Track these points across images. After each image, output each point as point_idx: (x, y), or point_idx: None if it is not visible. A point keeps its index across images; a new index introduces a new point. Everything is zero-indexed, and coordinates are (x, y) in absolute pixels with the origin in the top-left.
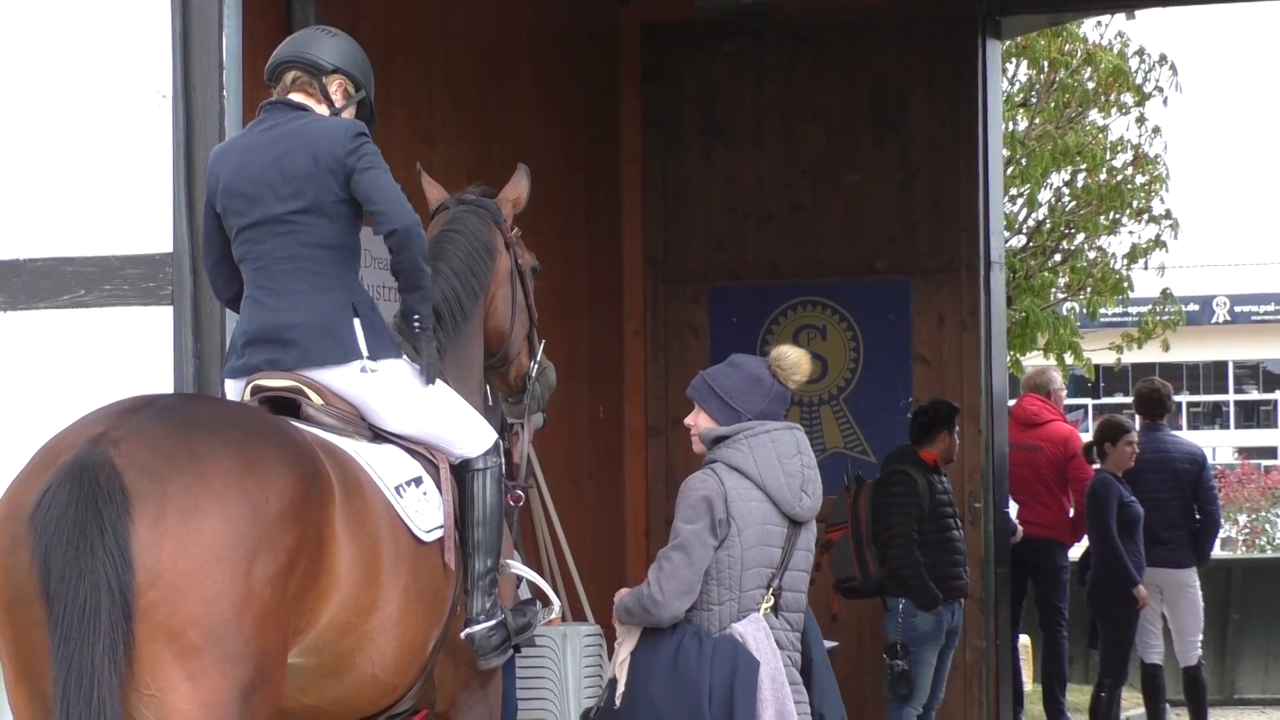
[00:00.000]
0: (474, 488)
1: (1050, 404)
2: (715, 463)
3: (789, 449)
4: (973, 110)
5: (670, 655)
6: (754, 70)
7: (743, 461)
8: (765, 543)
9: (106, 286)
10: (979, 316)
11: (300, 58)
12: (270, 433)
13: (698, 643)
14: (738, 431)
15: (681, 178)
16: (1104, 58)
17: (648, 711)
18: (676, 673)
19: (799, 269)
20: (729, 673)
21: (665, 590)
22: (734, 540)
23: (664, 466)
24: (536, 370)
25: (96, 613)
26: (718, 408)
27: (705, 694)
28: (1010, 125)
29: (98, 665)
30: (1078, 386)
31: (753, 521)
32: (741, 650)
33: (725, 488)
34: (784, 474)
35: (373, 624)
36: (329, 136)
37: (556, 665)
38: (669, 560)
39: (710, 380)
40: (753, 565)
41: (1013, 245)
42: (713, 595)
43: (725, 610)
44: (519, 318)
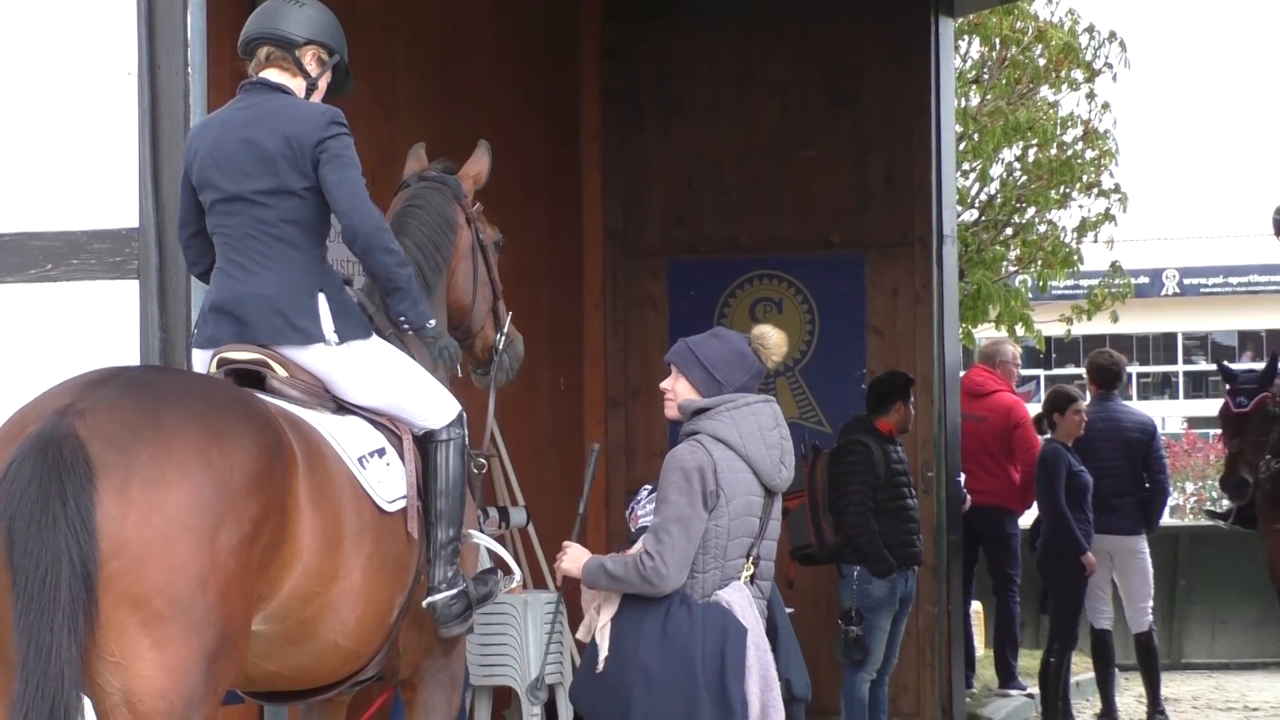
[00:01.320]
0: (437, 459)
1: (996, 375)
2: (698, 434)
3: (769, 421)
4: (926, 87)
5: (659, 622)
6: (711, 48)
7: (727, 433)
8: (748, 513)
9: (73, 261)
10: (932, 289)
11: (271, 34)
12: (235, 404)
13: (687, 610)
14: (719, 404)
15: (640, 153)
16: (1054, 35)
17: (638, 677)
18: (667, 639)
19: (755, 243)
20: (719, 639)
21: (669, 563)
22: (722, 510)
23: (624, 437)
24: (504, 341)
25: (57, 584)
26: (701, 377)
27: (699, 660)
28: (962, 101)
29: (56, 635)
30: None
31: (739, 492)
32: (730, 617)
33: (714, 459)
34: (765, 446)
35: (335, 592)
36: (303, 121)
37: (517, 631)
38: (668, 534)
39: (695, 349)
40: (737, 535)
41: (965, 219)
42: (698, 564)
43: (710, 578)
44: (481, 291)
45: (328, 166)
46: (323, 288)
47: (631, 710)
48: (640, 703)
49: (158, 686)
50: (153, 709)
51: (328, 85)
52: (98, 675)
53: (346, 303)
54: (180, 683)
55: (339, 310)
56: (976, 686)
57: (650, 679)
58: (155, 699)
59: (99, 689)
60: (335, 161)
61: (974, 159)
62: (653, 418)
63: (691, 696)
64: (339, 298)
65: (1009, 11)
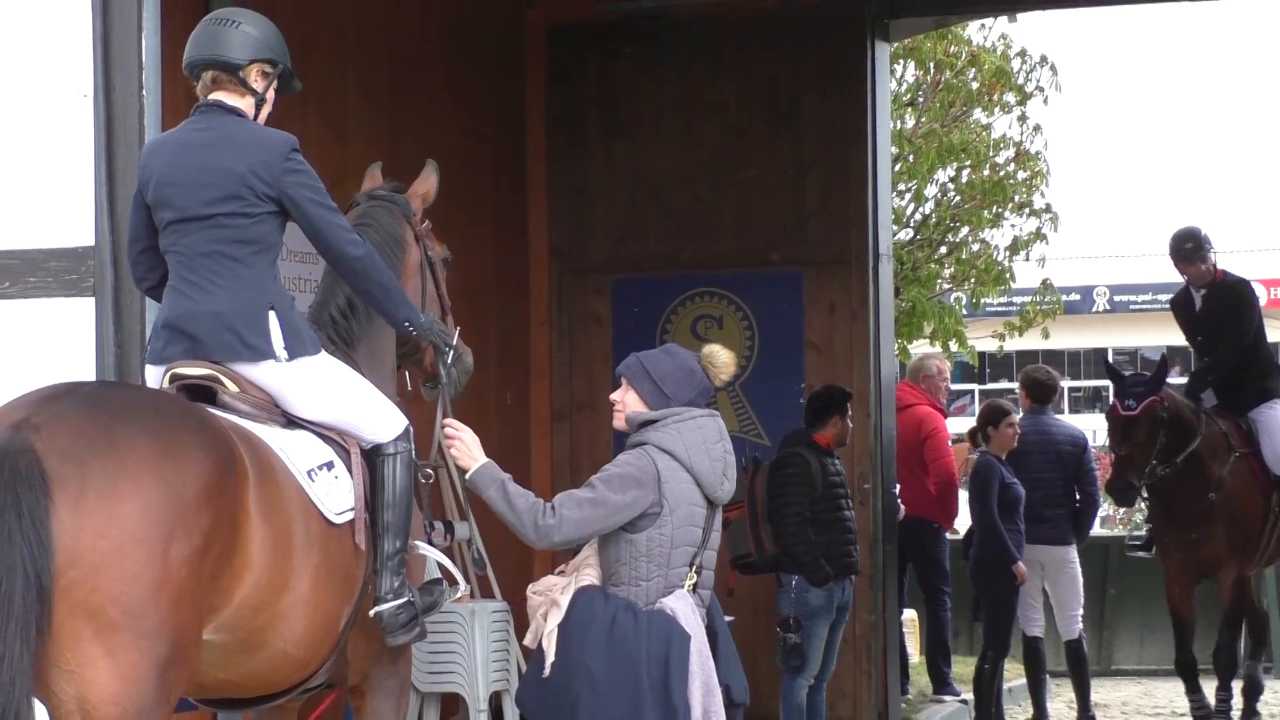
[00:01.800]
0: (384, 472)
1: (919, 389)
2: (645, 444)
3: (713, 435)
4: (862, 109)
5: (605, 627)
6: (653, 71)
7: (673, 445)
8: (691, 523)
9: (30, 279)
10: (868, 306)
11: (213, 60)
12: (187, 419)
13: (632, 616)
14: (666, 416)
15: (585, 174)
16: (987, 59)
17: (584, 681)
18: (613, 644)
19: (697, 261)
20: (664, 645)
21: (563, 533)
22: (666, 520)
23: (569, 449)
24: (452, 355)
25: (10, 595)
26: (650, 390)
27: (643, 665)
28: (898, 123)
29: (9, 645)
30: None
31: (682, 502)
32: (674, 624)
33: (659, 469)
34: (709, 459)
35: (285, 602)
36: (264, 149)
37: (465, 641)
38: (588, 507)
39: (646, 363)
40: (680, 544)
41: (901, 238)
42: (642, 571)
43: (653, 586)
44: (429, 307)
45: (307, 207)
46: (274, 305)
47: (578, 714)
48: (586, 706)
49: (111, 693)
50: (106, 715)
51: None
52: (53, 683)
53: (296, 320)
54: (133, 690)
55: (289, 328)
56: (912, 692)
57: (596, 684)
58: (108, 706)
59: (54, 696)
60: (310, 202)
61: (909, 180)
62: (597, 431)
63: (636, 701)
64: (289, 316)
65: (943, 36)
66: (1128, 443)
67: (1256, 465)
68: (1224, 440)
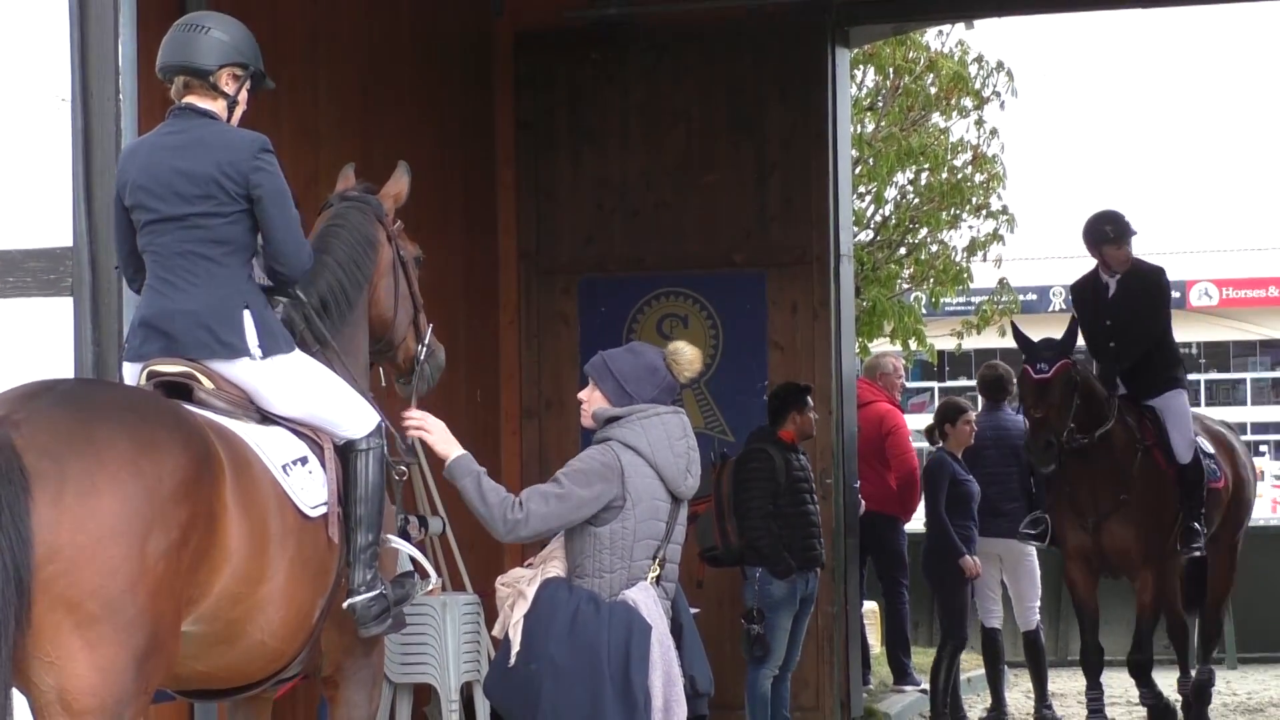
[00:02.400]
0: (357, 467)
1: (876, 386)
2: (610, 440)
3: (677, 431)
4: (823, 114)
5: (568, 617)
6: (619, 76)
7: (637, 441)
8: (654, 517)
9: (9, 279)
10: (830, 306)
11: (185, 66)
12: (164, 415)
13: (594, 607)
14: (631, 413)
15: (552, 177)
16: (945, 65)
17: (547, 669)
18: (575, 634)
19: (662, 262)
20: (625, 635)
21: (530, 528)
22: (629, 513)
23: (537, 446)
24: (425, 352)
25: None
26: (613, 389)
27: (604, 654)
28: (858, 128)
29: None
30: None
31: (645, 497)
32: (635, 615)
33: (622, 464)
34: (673, 454)
35: (261, 594)
36: (232, 149)
37: (437, 633)
38: (554, 501)
39: (610, 362)
40: (643, 537)
41: (861, 239)
42: (605, 563)
43: (616, 578)
44: (402, 305)
45: (269, 205)
46: (248, 304)
47: (541, 702)
48: (548, 695)
49: (89, 685)
50: (85, 707)
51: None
52: (33, 674)
53: (270, 319)
54: (111, 681)
55: (263, 326)
56: (873, 683)
57: (558, 672)
58: (87, 697)
59: (34, 687)
60: (273, 200)
61: (869, 182)
62: (565, 428)
63: (596, 689)
64: (263, 314)
65: (902, 42)
66: (1043, 404)
67: (1162, 458)
68: (1132, 434)
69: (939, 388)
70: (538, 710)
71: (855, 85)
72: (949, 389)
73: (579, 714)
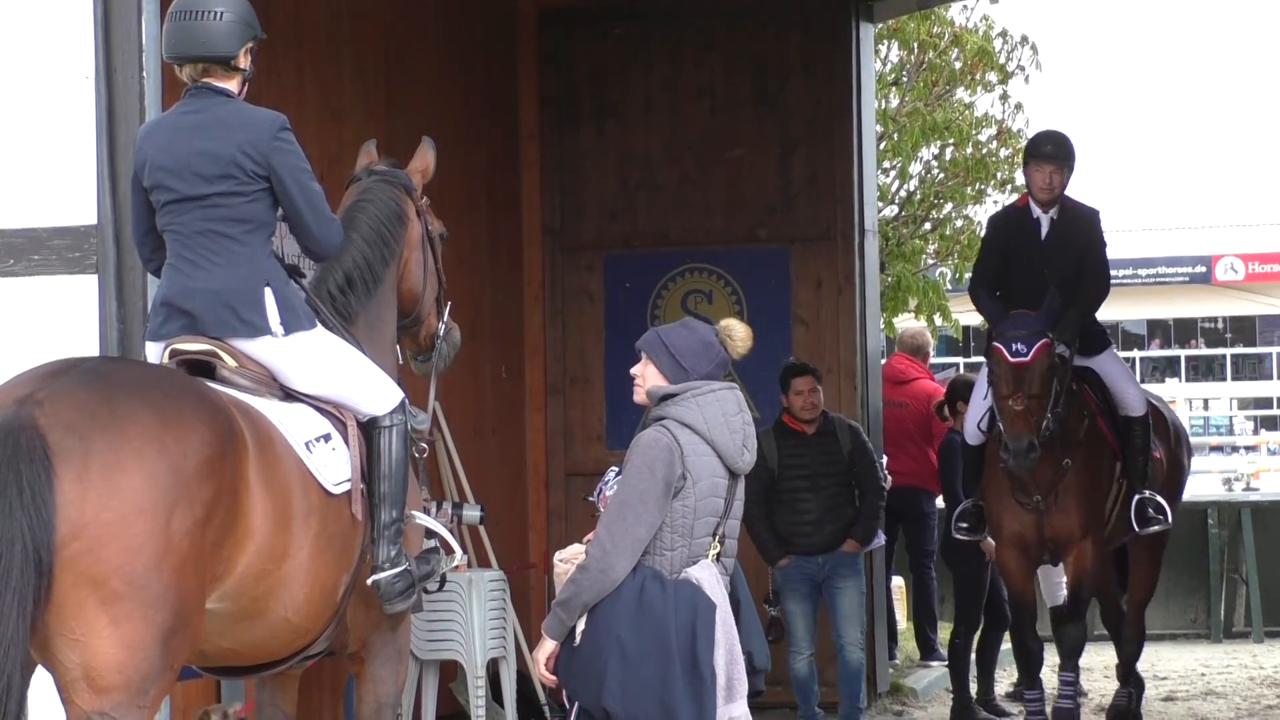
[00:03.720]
0: (380, 444)
1: (917, 362)
2: (665, 420)
3: (733, 407)
4: (847, 89)
5: (634, 597)
6: (643, 52)
7: (693, 419)
8: (713, 494)
9: (35, 257)
10: (854, 281)
11: (204, 56)
12: (188, 392)
13: (659, 585)
14: (686, 390)
15: (576, 153)
16: (970, 39)
17: (615, 649)
18: (642, 613)
19: (686, 237)
20: (691, 614)
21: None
22: (689, 492)
23: (562, 422)
24: (444, 330)
25: (9, 568)
26: (669, 364)
27: (672, 632)
28: (882, 103)
29: (4, 615)
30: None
31: (704, 474)
32: (700, 593)
33: (680, 444)
34: (729, 430)
35: (285, 570)
36: (253, 128)
37: (463, 609)
38: (622, 519)
39: (664, 338)
40: (703, 515)
41: (885, 215)
42: (666, 542)
43: (677, 556)
44: (430, 281)
45: (291, 184)
46: (269, 282)
47: (607, 681)
48: (615, 674)
49: (115, 661)
50: (111, 683)
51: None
52: (58, 652)
53: (292, 296)
54: (137, 658)
55: (284, 303)
56: (899, 658)
57: (626, 652)
58: (113, 673)
59: (59, 665)
60: (294, 179)
61: (894, 157)
62: (590, 404)
63: (666, 669)
64: (284, 291)
65: (926, 17)
66: (1020, 395)
67: (1106, 429)
68: (1078, 401)
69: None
70: (604, 689)
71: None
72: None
73: (647, 693)
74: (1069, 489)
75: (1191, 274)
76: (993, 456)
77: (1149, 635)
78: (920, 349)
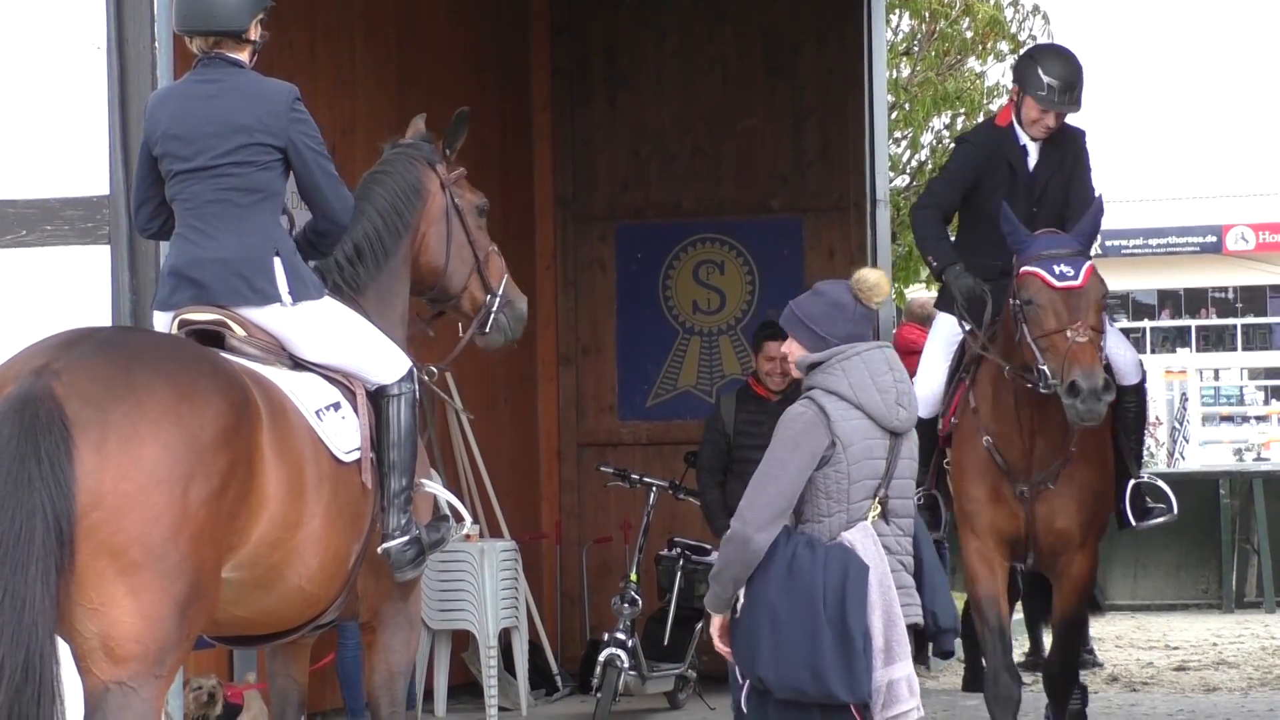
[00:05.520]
0: (389, 412)
1: (927, 332)
2: (813, 389)
3: (881, 367)
4: (859, 59)
5: (786, 563)
6: (655, 23)
7: (838, 384)
8: (869, 456)
9: (47, 227)
10: (866, 251)
11: (218, 30)
12: (203, 363)
13: (810, 550)
14: (831, 356)
15: (589, 123)
16: (981, 9)
17: (766, 615)
18: (792, 578)
19: (699, 208)
20: (840, 577)
21: (753, 519)
22: (840, 458)
23: (574, 393)
24: (498, 302)
25: (31, 539)
26: (805, 335)
27: (820, 596)
28: (894, 73)
29: (30, 587)
30: None
31: (856, 439)
32: (852, 556)
33: (826, 412)
34: (878, 390)
35: (299, 539)
36: (266, 99)
37: (475, 578)
38: (763, 491)
39: (797, 309)
40: (859, 479)
41: (897, 185)
42: (822, 509)
43: (835, 521)
44: (458, 254)
45: (308, 156)
46: (278, 250)
47: (759, 648)
48: (767, 642)
49: (134, 631)
50: (129, 653)
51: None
52: (77, 622)
53: (300, 265)
54: (155, 627)
55: (293, 272)
56: None
57: (776, 619)
58: (131, 643)
59: (78, 634)
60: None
61: (905, 127)
62: (602, 373)
63: (814, 632)
64: (293, 260)
65: None
66: (1081, 323)
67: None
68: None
69: None
70: (757, 658)
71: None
72: None
73: (798, 659)
74: (1071, 479)
75: (1202, 244)
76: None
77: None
78: (930, 319)
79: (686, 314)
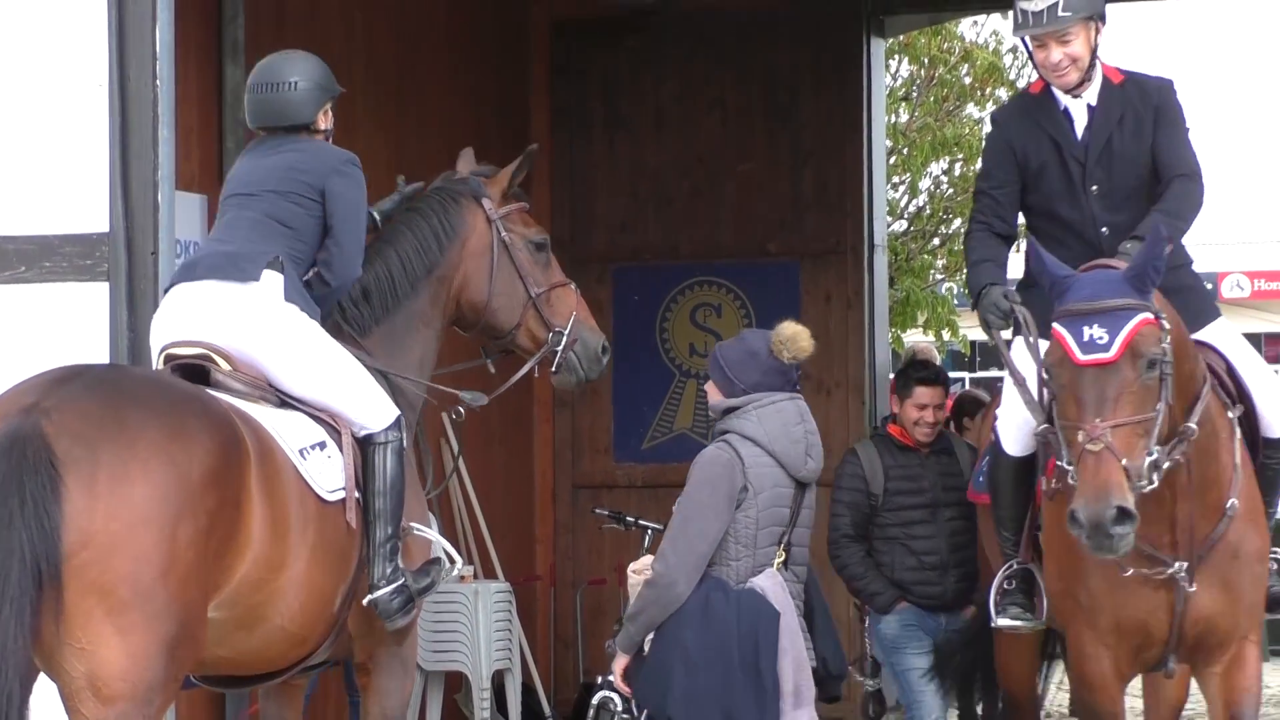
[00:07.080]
0: (375, 460)
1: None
2: (728, 434)
3: (793, 417)
4: (858, 103)
5: (700, 604)
6: (655, 64)
7: (754, 431)
8: (777, 504)
9: (45, 264)
10: (863, 296)
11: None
12: (193, 402)
13: (723, 594)
14: (747, 403)
15: (587, 165)
16: (980, 55)
17: (678, 655)
18: (707, 621)
19: (696, 250)
20: (754, 623)
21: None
22: (751, 503)
23: (570, 434)
24: (564, 340)
25: (6, 579)
26: (721, 378)
27: (734, 641)
28: (893, 117)
29: (4, 626)
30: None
31: (766, 485)
32: (763, 602)
33: (741, 457)
34: (789, 440)
35: (282, 580)
36: (322, 154)
37: (469, 620)
38: (684, 532)
39: (719, 352)
40: (767, 525)
41: (895, 229)
42: (731, 553)
43: (742, 566)
44: (506, 289)
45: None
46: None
47: (672, 690)
48: (679, 683)
49: (121, 670)
50: (116, 692)
51: None
52: (64, 661)
53: (303, 288)
54: (142, 667)
55: (292, 283)
56: None
57: (690, 660)
58: (118, 682)
59: (65, 674)
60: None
61: (903, 172)
62: (598, 415)
63: (727, 677)
64: (295, 279)
65: (937, 32)
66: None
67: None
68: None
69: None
70: (669, 698)
71: (890, 75)
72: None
73: (710, 701)
74: (1227, 549)
75: None
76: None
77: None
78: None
79: (683, 357)
